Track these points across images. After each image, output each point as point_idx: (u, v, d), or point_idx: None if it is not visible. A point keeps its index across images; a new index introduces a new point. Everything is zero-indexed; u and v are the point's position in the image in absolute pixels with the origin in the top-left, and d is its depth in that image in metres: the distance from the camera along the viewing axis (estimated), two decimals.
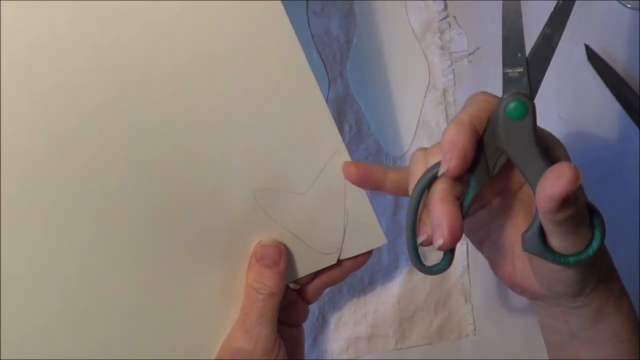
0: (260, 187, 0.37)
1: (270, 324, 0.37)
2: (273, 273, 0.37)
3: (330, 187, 0.38)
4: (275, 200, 0.37)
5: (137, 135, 0.35)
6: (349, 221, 0.38)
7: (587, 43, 0.49)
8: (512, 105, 0.32)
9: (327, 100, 0.48)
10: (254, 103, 0.36)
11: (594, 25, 0.50)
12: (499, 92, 0.49)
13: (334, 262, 0.39)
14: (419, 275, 0.49)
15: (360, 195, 0.38)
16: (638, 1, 0.50)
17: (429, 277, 0.49)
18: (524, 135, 0.31)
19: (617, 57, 0.50)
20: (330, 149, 0.37)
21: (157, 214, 0.36)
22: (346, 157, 0.38)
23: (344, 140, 0.48)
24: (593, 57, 0.49)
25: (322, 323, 0.48)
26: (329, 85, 0.48)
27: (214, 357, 0.38)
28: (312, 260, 0.39)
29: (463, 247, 0.49)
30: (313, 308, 0.47)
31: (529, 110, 0.32)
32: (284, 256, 0.37)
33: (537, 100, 0.50)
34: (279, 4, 0.35)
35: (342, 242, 0.38)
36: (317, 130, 0.37)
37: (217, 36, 0.35)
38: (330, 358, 0.48)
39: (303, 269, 0.39)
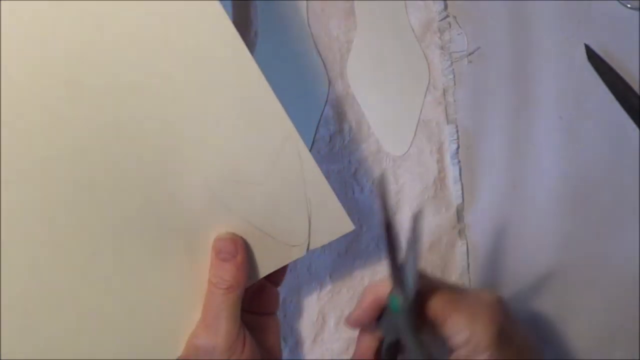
0: (216, 180, 0.36)
1: (231, 319, 0.36)
2: (231, 266, 0.36)
3: (288, 175, 0.37)
4: (233, 193, 0.36)
5: (86, 134, 0.34)
6: (312, 210, 0.38)
7: (587, 43, 0.50)
8: (391, 298, 0.36)
9: (327, 101, 0.48)
10: (197, 94, 0.35)
11: (594, 25, 0.50)
12: (497, 92, 0.49)
13: (303, 254, 0.38)
14: None
15: (320, 182, 0.38)
16: (638, 1, 0.50)
17: None
18: (402, 324, 0.36)
19: (617, 57, 0.50)
20: (282, 135, 0.36)
21: (114, 213, 0.35)
22: (299, 143, 0.37)
23: (343, 141, 0.48)
24: (593, 57, 0.49)
25: (322, 323, 0.48)
26: (329, 85, 0.48)
27: (179, 354, 0.37)
28: (280, 253, 0.38)
29: (463, 247, 0.49)
30: (313, 308, 0.47)
31: (404, 306, 0.36)
32: (241, 248, 0.36)
33: (538, 100, 0.51)
34: None
35: (309, 232, 0.38)
36: (265, 118, 0.36)
37: (152, 31, 0.34)
38: (330, 358, 0.48)
39: (273, 263, 0.38)
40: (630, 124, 0.50)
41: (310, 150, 0.47)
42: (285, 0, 0.48)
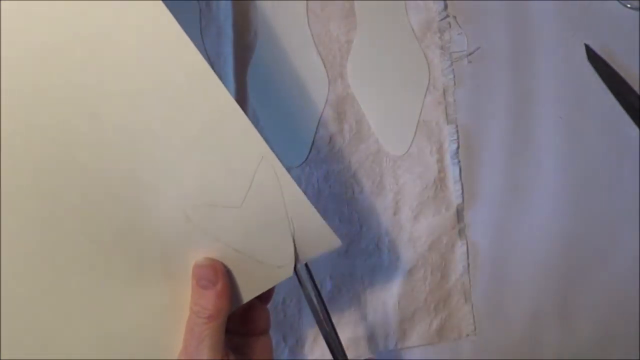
0: (191, 205, 0.35)
1: (213, 348, 0.35)
2: (211, 294, 0.35)
3: (266, 196, 0.36)
4: (211, 218, 0.35)
5: (55, 168, 0.34)
6: (295, 229, 0.37)
7: (587, 43, 0.50)
8: None
9: (327, 101, 0.48)
10: (163, 120, 0.35)
11: (594, 25, 0.50)
12: (497, 92, 0.49)
13: (290, 274, 0.37)
14: (419, 275, 0.49)
15: (300, 201, 0.36)
16: (638, 1, 0.50)
17: (429, 277, 0.49)
18: None
19: (617, 57, 0.50)
20: (256, 155, 0.35)
21: (88, 244, 0.34)
22: (275, 162, 0.36)
23: (343, 141, 0.48)
24: (593, 57, 0.49)
25: None
26: (329, 85, 0.48)
27: None
28: (266, 275, 0.37)
29: (463, 247, 0.49)
30: None
31: None
32: (221, 275, 0.35)
33: (538, 100, 0.51)
34: (161, 6, 0.33)
35: (295, 251, 0.37)
36: (236, 138, 0.35)
37: (114, 56, 0.34)
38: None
39: (259, 286, 0.37)
40: (630, 124, 0.50)
41: (310, 151, 0.48)
42: (285, 0, 0.48)
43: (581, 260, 0.50)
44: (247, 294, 0.37)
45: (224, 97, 0.35)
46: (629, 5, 0.50)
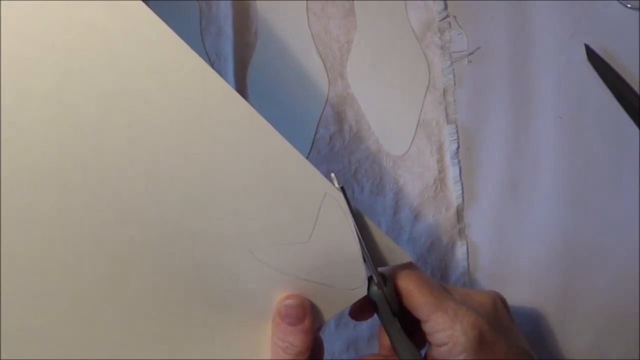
0: (261, 249, 0.36)
1: None
2: (298, 331, 0.36)
3: (332, 227, 0.37)
4: (279, 255, 0.36)
5: (119, 218, 0.35)
6: (364, 252, 0.37)
7: (587, 43, 0.50)
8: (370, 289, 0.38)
9: (327, 100, 0.48)
10: (225, 168, 0.36)
11: (594, 25, 0.50)
12: (497, 92, 0.49)
13: (365, 293, 0.38)
14: None
15: (366, 225, 0.38)
16: (638, 1, 0.50)
17: None
18: (381, 315, 0.38)
19: (617, 57, 0.50)
20: (319, 192, 0.37)
21: (160, 292, 0.35)
22: (337, 196, 0.37)
23: (343, 141, 0.48)
24: (593, 57, 0.49)
25: None
26: (329, 85, 0.48)
27: None
28: (341, 298, 0.38)
29: (463, 247, 0.49)
30: None
31: (379, 297, 0.37)
32: (308, 313, 0.36)
33: (538, 100, 0.51)
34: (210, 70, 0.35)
35: (366, 272, 0.37)
36: (296, 179, 0.36)
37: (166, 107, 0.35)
38: (330, 358, 0.48)
39: (334, 309, 0.38)
40: (631, 124, 0.50)
41: (310, 151, 0.48)
42: (285, 0, 0.48)
43: (581, 260, 0.50)
44: (324, 318, 0.38)
45: (282, 145, 0.36)
46: (629, 5, 0.50)
